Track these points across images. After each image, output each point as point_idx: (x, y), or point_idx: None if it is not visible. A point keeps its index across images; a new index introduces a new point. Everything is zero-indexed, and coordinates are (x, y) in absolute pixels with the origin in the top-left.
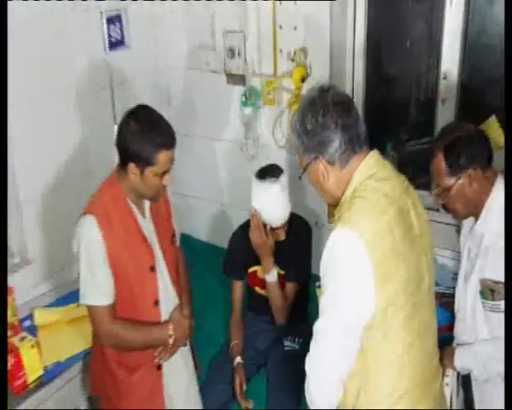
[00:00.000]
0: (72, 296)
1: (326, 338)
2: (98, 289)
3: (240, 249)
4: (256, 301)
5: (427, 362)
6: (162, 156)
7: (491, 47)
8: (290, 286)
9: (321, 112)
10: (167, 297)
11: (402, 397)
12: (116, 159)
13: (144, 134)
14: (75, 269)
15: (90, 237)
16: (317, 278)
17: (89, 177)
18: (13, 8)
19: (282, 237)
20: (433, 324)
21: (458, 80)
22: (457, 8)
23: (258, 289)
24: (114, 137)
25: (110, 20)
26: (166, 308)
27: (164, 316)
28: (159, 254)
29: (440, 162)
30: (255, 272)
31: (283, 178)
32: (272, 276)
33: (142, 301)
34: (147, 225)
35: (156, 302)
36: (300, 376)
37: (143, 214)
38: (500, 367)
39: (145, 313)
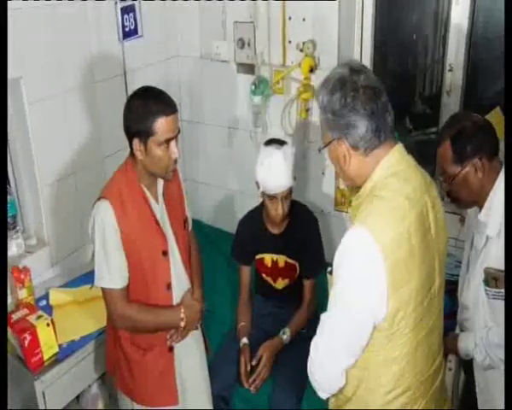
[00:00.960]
0: (84, 279)
1: (333, 333)
2: (112, 273)
3: (247, 236)
4: (263, 285)
5: (431, 361)
6: (161, 123)
7: (496, 40)
8: (309, 283)
9: (350, 94)
10: (179, 281)
11: (402, 394)
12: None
13: (141, 106)
14: (88, 252)
15: (105, 222)
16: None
17: (102, 163)
18: None
19: (286, 209)
20: (440, 324)
21: (463, 72)
22: (464, 4)
23: (264, 276)
24: None
25: (124, 10)
26: (178, 292)
27: (176, 299)
28: (171, 238)
29: (447, 150)
30: (262, 259)
31: (287, 148)
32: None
33: (155, 285)
34: (160, 210)
35: (168, 286)
36: (307, 354)
37: (156, 199)
38: (503, 354)
39: (157, 297)
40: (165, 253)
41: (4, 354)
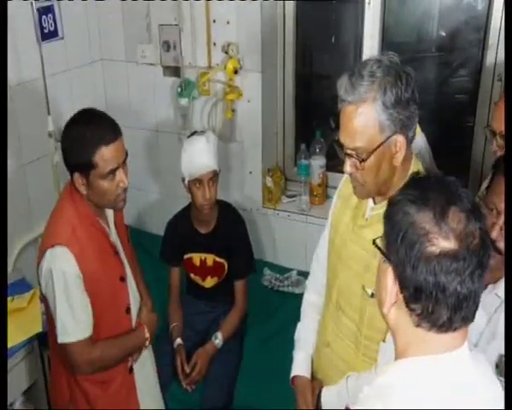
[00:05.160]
0: None
1: None
2: (80, 323)
3: (175, 237)
4: (193, 286)
5: None
6: (102, 154)
7: (405, 44)
8: (240, 284)
9: (411, 84)
10: (135, 301)
11: None
12: (50, 148)
13: (78, 135)
14: (9, 265)
15: (66, 272)
16: (264, 264)
17: (23, 172)
18: None
19: (213, 195)
20: None
21: None
22: (375, 8)
23: (193, 275)
24: (48, 129)
25: (41, 10)
26: (135, 311)
27: (133, 320)
28: (125, 261)
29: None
30: (191, 258)
31: (209, 134)
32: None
33: (115, 311)
34: (114, 236)
35: (128, 310)
36: (237, 353)
37: (109, 226)
38: None
39: (118, 323)
40: (122, 278)
41: (4, 353)
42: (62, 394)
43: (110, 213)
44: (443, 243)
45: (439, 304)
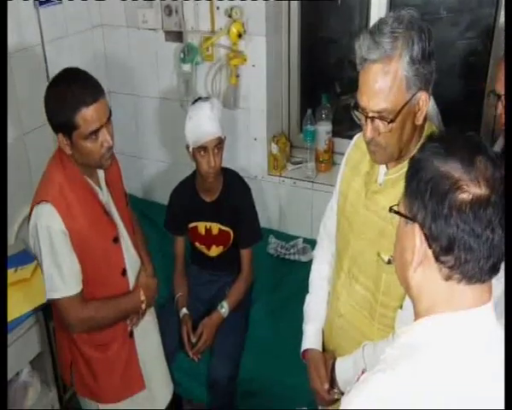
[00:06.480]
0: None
1: None
2: (67, 281)
3: (180, 206)
4: (198, 255)
5: None
6: (83, 115)
7: (413, 5)
8: (246, 253)
9: (432, 37)
10: (132, 263)
11: None
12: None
13: (59, 96)
14: (11, 236)
15: (51, 227)
16: (269, 232)
17: (22, 141)
18: None
19: (218, 162)
20: None
21: None
22: None
23: (198, 244)
24: None
25: None
26: (133, 275)
27: (132, 283)
28: (119, 222)
29: None
30: (196, 227)
31: (214, 101)
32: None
33: (110, 274)
34: (105, 197)
35: (123, 272)
36: (243, 322)
37: (99, 185)
38: None
39: (113, 285)
40: (116, 239)
41: (4, 352)
42: (65, 358)
43: (101, 172)
44: (474, 189)
45: (472, 252)
